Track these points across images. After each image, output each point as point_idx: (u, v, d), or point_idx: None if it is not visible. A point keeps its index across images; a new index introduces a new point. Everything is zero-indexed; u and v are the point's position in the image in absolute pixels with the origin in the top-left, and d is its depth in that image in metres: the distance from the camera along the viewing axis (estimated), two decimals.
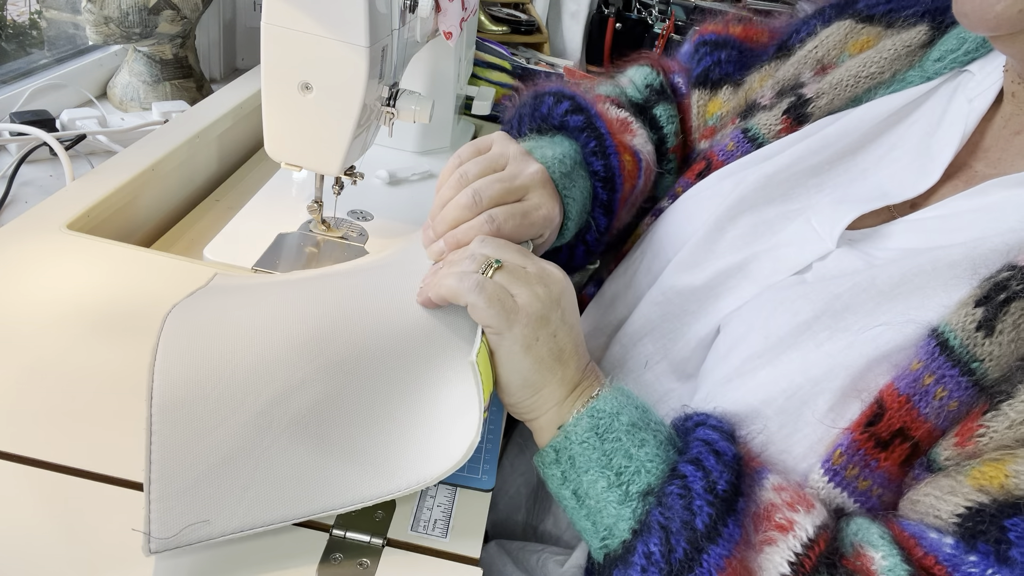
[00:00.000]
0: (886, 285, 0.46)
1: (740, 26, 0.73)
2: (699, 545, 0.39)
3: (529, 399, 0.48)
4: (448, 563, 0.43)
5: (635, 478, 0.43)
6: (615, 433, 0.45)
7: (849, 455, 0.42)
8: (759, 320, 0.50)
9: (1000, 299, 0.40)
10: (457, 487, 0.48)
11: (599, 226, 0.63)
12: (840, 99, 0.59)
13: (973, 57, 0.55)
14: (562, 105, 0.64)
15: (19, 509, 0.41)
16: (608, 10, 1.55)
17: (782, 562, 0.39)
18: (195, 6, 1.02)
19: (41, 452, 0.44)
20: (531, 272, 0.48)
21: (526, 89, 0.69)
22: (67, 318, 0.55)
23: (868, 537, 0.40)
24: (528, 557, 0.55)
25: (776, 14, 0.73)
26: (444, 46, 0.85)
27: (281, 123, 0.62)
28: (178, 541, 0.39)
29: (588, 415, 0.46)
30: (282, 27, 0.57)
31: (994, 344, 0.40)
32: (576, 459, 0.45)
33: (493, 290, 0.46)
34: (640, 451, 0.44)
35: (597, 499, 0.44)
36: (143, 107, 1.05)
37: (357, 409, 0.46)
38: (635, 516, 0.43)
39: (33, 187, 0.82)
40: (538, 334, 0.46)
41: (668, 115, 0.71)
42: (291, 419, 0.45)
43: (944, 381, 0.41)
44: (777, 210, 0.56)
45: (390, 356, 0.48)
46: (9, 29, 1.02)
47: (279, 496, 0.42)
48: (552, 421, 0.48)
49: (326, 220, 0.73)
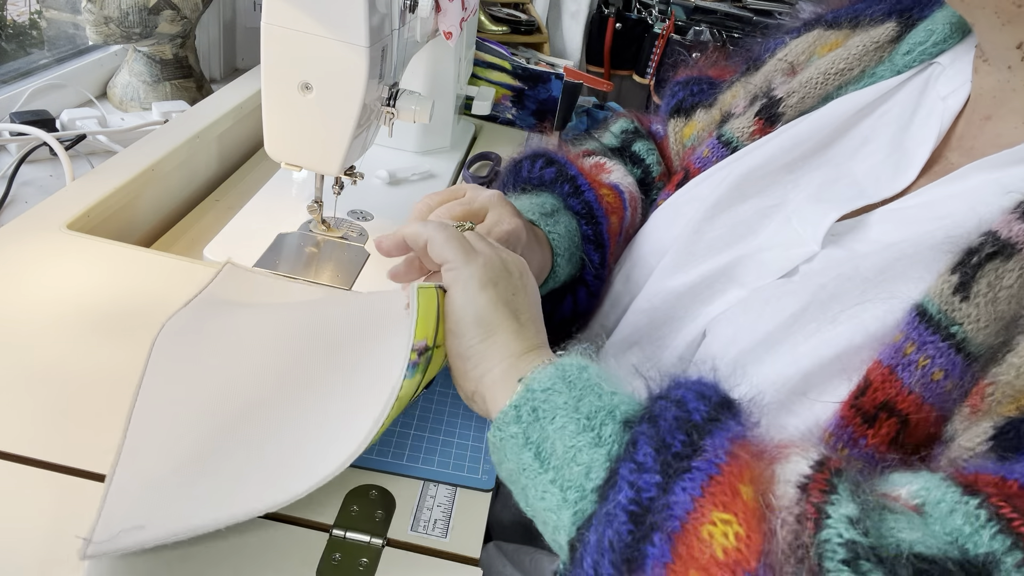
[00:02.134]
0: (870, 272, 0.46)
1: (710, 67, 0.76)
2: (700, 432, 0.35)
3: (480, 343, 0.44)
4: (448, 563, 0.43)
5: (608, 419, 0.38)
6: (584, 379, 0.41)
7: (837, 434, 0.42)
8: (747, 320, 0.50)
9: (974, 262, 0.41)
10: (457, 487, 0.48)
11: (593, 262, 0.63)
12: (811, 97, 0.60)
13: (942, 48, 0.55)
14: (537, 163, 0.67)
15: (19, 509, 0.41)
16: (608, 10, 1.55)
17: (802, 465, 0.34)
18: (195, 6, 1.02)
19: (41, 452, 0.44)
20: (495, 246, 0.49)
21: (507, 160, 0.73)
22: (67, 318, 0.55)
23: (899, 480, 0.36)
24: (523, 558, 0.55)
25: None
26: (444, 46, 0.85)
27: (281, 123, 0.62)
28: (112, 545, 0.38)
29: (554, 366, 0.42)
30: (282, 27, 0.57)
31: (972, 306, 0.40)
32: (539, 408, 0.40)
33: (455, 233, 0.46)
34: (614, 396, 0.40)
35: (566, 448, 0.38)
36: (143, 107, 1.05)
37: (277, 430, 0.46)
38: (610, 457, 0.37)
39: (33, 187, 0.82)
40: (496, 280, 0.45)
41: (647, 148, 0.74)
42: (224, 441, 0.45)
43: (925, 348, 0.40)
44: (753, 207, 0.57)
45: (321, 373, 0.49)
46: (9, 29, 1.02)
47: (211, 502, 0.41)
48: (508, 375, 0.43)
49: (326, 220, 0.73)
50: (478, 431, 0.52)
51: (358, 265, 0.70)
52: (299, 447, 0.44)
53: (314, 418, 0.46)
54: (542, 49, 1.43)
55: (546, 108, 1.19)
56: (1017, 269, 0.40)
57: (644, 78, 1.57)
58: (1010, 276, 0.40)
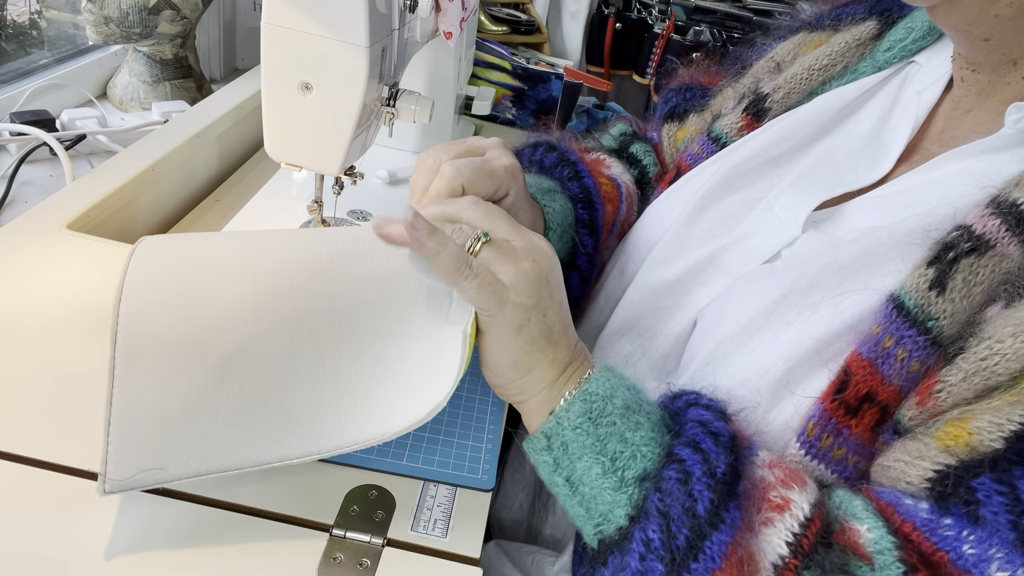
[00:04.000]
0: (848, 260, 0.47)
1: (702, 75, 0.79)
2: (702, 531, 0.39)
3: (518, 380, 0.46)
4: (448, 563, 0.44)
5: (631, 463, 0.43)
6: (609, 417, 0.44)
7: (822, 425, 0.43)
8: (730, 307, 0.51)
9: (949, 257, 0.42)
10: (457, 487, 0.48)
11: (586, 246, 0.64)
12: (796, 93, 0.62)
13: (921, 46, 0.57)
14: (539, 149, 0.69)
15: (19, 509, 0.41)
16: (608, 10, 1.55)
17: (780, 543, 0.39)
18: (195, 6, 1.02)
19: (41, 452, 0.44)
20: (518, 247, 0.47)
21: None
22: (67, 318, 0.55)
23: (852, 509, 0.40)
24: (524, 558, 0.55)
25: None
26: (444, 46, 0.85)
27: (281, 123, 0.62)
28: (132, 483, 0.39)
29: (580, 399, 0.45)
30: (282, 27, 0.57)
31: (947, 302, 0.41)
32: (569, 445, 0.44)
33: (481, 272, 0.45)
34: (635, 435, 0.43)
35: (591, 486, 0.43)
36: (143, 107, 1.05)
37: (319, 363, 0.45)
38: (631, 502, 0.42)
39: (33, 187, 0.82)
40: (529, 315, 0.46)
41: (644, 150, 0.76)
42: (250, 370, 0.44)
43: (904, 342, 0.42)
44: (741, 198, 0.58)
45: (358, 309, 0.47)
46: (9, 29, 1.02)
47: (234, 445, 0.41)
48: (542, 405, 0.46)
49: (326, 220, 0.73)
50: (478, 431, 0.52)
51: None
52: (365, 388, 0.45)
53: (369, 361, 0.46)
54: (542, 49, 1.43)
55: (546, 108, 1.20)
56: (990, 265, 0.41)
57: (644, 78, 1.57)
58: (983, 272, 0.41)
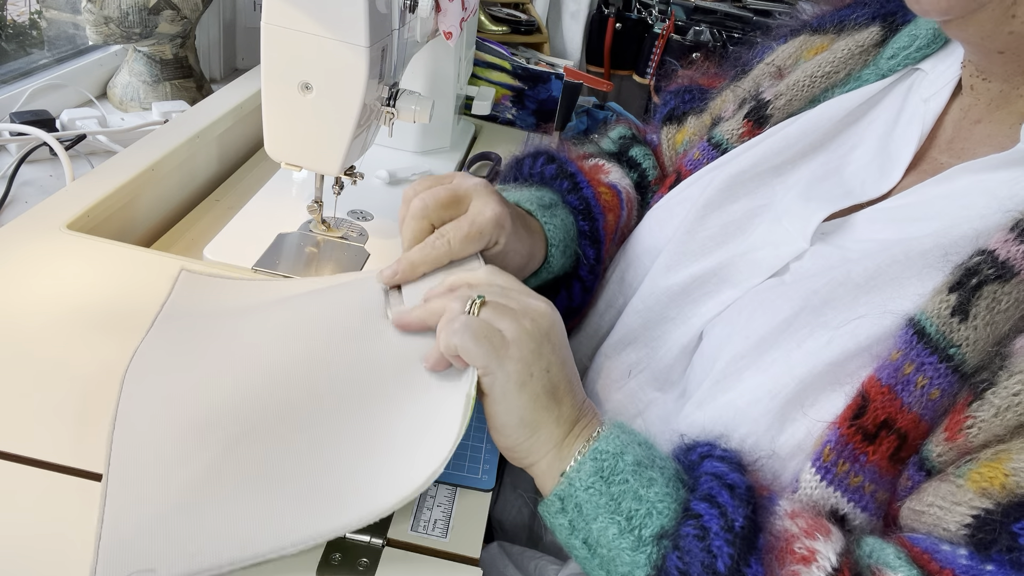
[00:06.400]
0: (861, 278, 0.46)
1: (701, 76, 0.78)
2: None
3: (527, 441, 0.46)
4: (448, 563, 0.43)
5: (647, 521, 0.42)
6: (621, 475, 0.43)
7: (838, 451, 0.42)
8: (740, 322, 0.50)
9: (972, 284, 0.41)
10: (457, 487, 0.48)
11: (588, 257, 0.64)
12: (798, 99, 0.61)
13: (925, 54, 0.56)
14: (539, 160, 0.68)
15: (19, 509, 0.41)
16: (608, 10, 1.55)
17: None
18: (195, 6, 1.02)
19: (41, 452, 0.44)
20: (515, 308, 0.47)
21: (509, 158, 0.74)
22: (67, 318, 0.55)
23: (884, 558, 0.39)
24: (527, 563, 0.55)
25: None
26: (444, 46, 0.85)
27: (281, 123, 0.62)
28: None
29: (591, 458, 0.44)
30: (282, 27, 0.57)
31: (969, 329, 0.40)
32: (583, 506, 0.43)
33: (480, 327, 0.45)
34: (649, 491, 0.42)
35: (609, 547, 0.42)
36: (143, 107, 1.05)
37: (309, 449, 0.45)
38: (651, 562, 0.41)
39: (33, 187, 0.82)
40: (531, 370, 0.45)
41: (643, 153, 0.76)
42: (240, 466, 0.44)
43: (924, 369, 0.41)
44: (743, 207, 0.57)
45: (353, 391, 0.48)
46: (9, 29, 1.02)
47: (225, 545, 0.41)
48: (553, 466, 0.45)
49: (326, 220, 0.73)
50: (478, 431, 0.52)
51: (358, 265, 0.70)
52: (353, 467, 0.44)
53: (359, 438, 0.46)
54: (542, 49, 1.43)
55: (546, 108, 1.19)
56: (1015, 293, 0.40)
57: (644, 78, 1.57)
58: (1007, 299, 0.40)
